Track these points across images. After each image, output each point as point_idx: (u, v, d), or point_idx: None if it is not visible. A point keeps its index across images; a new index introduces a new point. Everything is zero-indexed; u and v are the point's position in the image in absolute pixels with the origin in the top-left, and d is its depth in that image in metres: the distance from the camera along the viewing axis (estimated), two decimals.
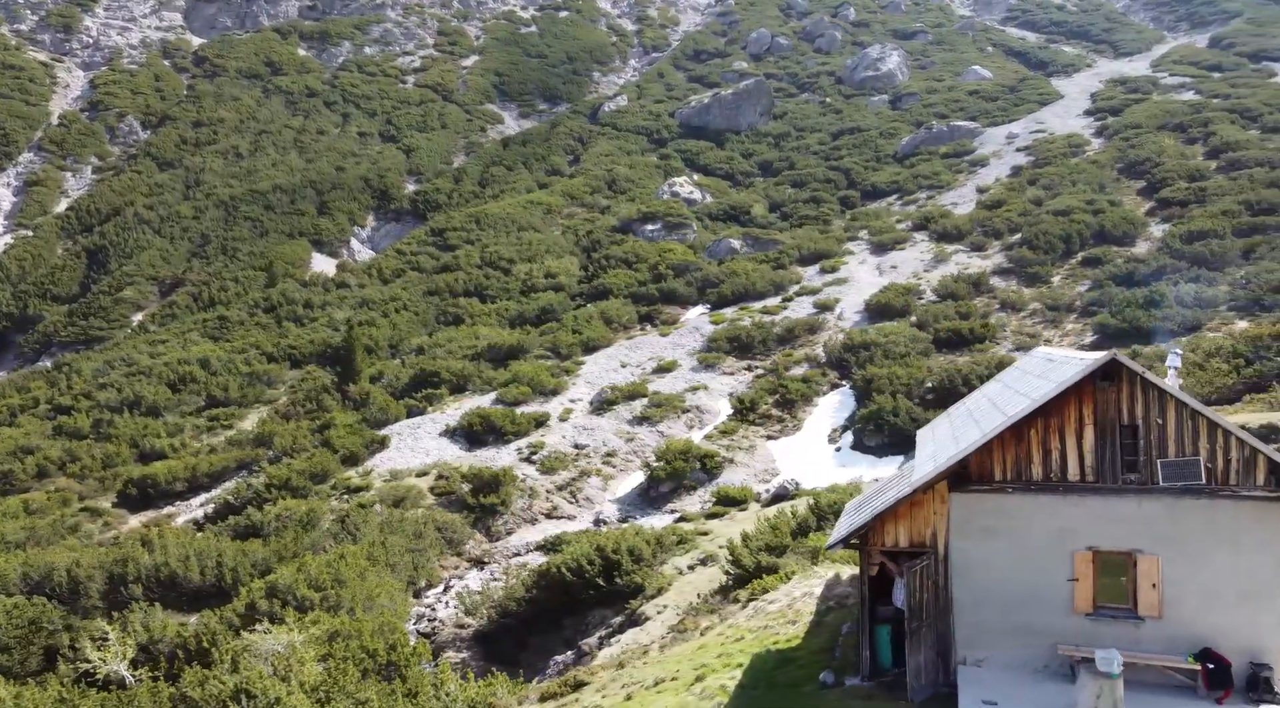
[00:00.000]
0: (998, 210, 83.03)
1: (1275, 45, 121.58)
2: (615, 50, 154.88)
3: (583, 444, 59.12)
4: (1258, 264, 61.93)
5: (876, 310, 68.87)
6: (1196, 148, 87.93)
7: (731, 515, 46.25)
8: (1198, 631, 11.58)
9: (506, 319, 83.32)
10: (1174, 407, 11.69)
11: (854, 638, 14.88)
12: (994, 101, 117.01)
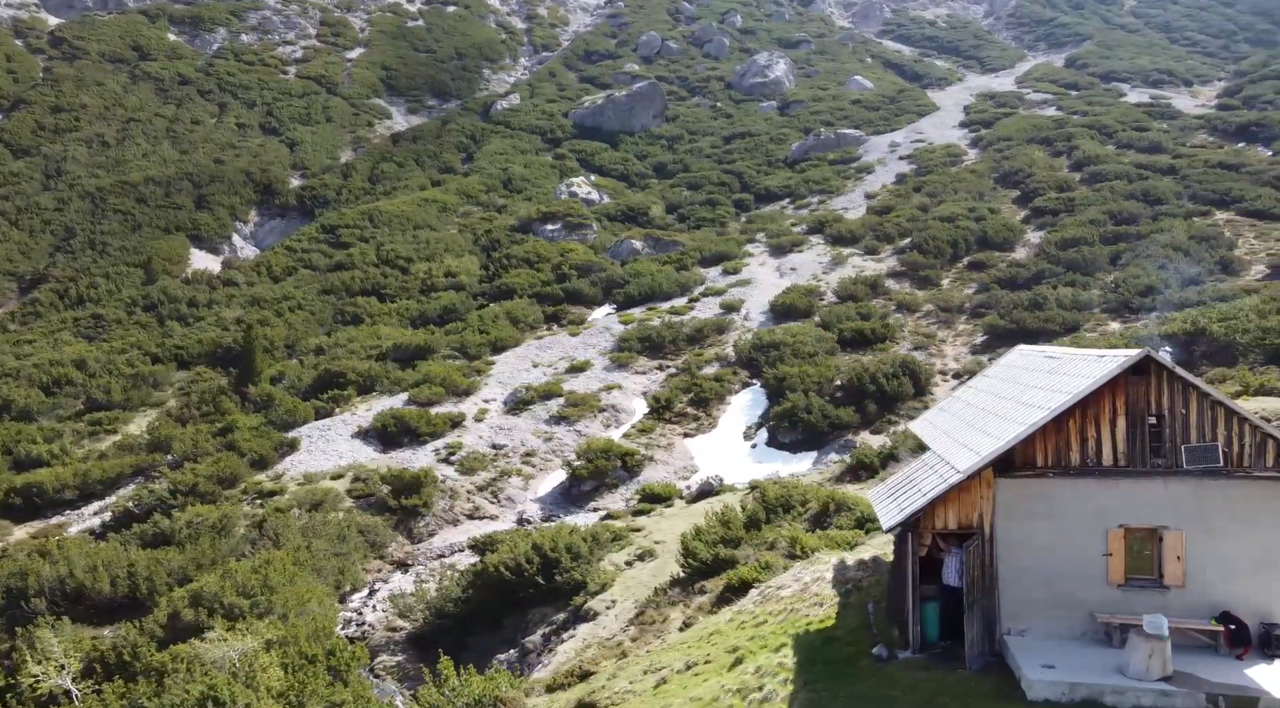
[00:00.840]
0: (888, 216, 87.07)
1: (1122, 67, 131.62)
2: (505, 48, 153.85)
3: (501, 444, 58.99)
4: (1124, 270, 67.20)
5: (781, 311, 71.22)
6: (1062, 160, 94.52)
7: (660, 512, 47.17)
8: (1216, 597, 13.21)
9: (408, 319, 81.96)
10: (1196, 397, 13.30)
11: (884, 616, 15.99)
12: (876, 111, 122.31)
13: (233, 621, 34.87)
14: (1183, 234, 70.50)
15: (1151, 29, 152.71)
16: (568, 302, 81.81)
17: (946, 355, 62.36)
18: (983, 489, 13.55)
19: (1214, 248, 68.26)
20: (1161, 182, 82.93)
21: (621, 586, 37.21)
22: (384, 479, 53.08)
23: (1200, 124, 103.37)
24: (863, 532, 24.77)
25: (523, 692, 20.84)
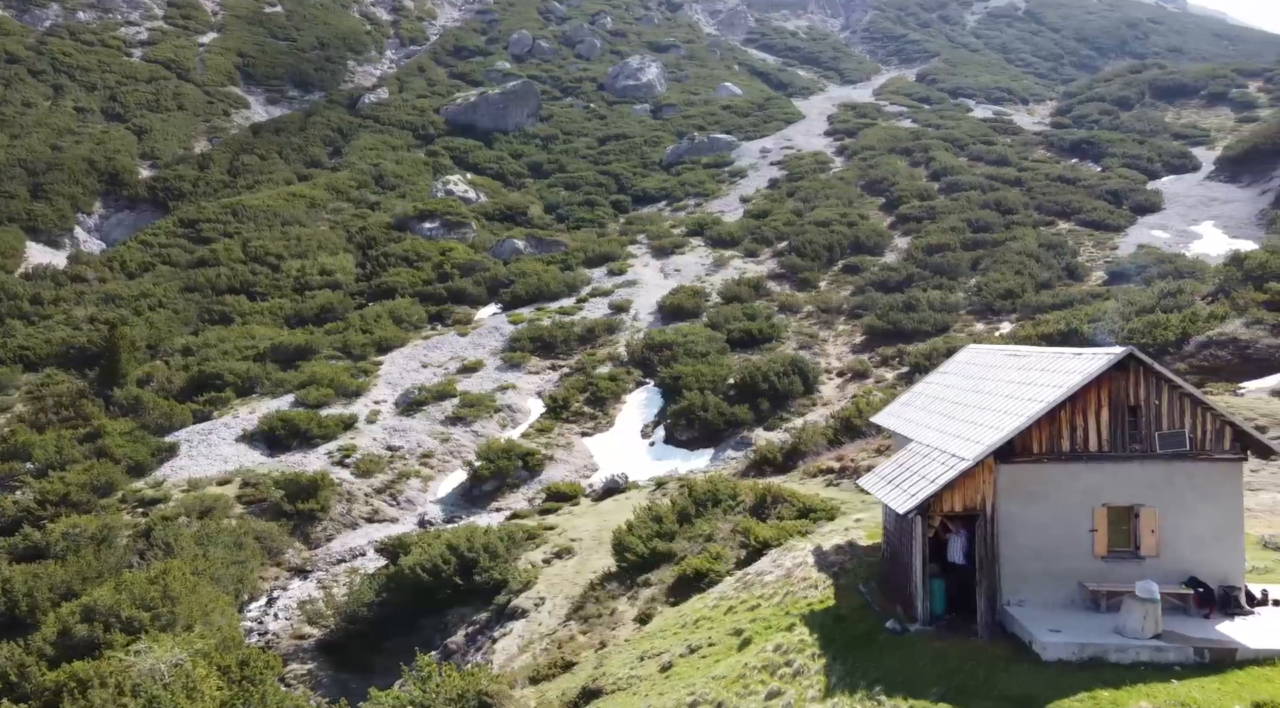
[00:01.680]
0: (765, 220, 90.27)
1: (968, 84, 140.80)
2: (370, 39, 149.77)
3: (396, 446, 58.00)
4: (985, 274, 72.26)
5: (670, 312, 72.83)
6: (921, 170, 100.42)
7: (569, 511, 47.63)
8: (1185, 565, 15.12)
9: (282, 318, 79.03)
10: (1167, 389, 15.18)
11: (880, 595, 17.28)
12: (746, 117, 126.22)
13: (133, 634, 33.35)
14: (1033, 242, 76.44)
15: (991, 49, 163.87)
16: (452, 301, 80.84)
17: (830, 355, 65.43)
18: (985, 475, 15.03)
19: (1061, 255, 74.31)
20: (1011, 193, 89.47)
21: (546, 583, 37.54)
22: (277, 484, 51.37)
23: (1039, 140, 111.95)
24: (810, 521, 26.21)
25: (506, 684, 21.06)
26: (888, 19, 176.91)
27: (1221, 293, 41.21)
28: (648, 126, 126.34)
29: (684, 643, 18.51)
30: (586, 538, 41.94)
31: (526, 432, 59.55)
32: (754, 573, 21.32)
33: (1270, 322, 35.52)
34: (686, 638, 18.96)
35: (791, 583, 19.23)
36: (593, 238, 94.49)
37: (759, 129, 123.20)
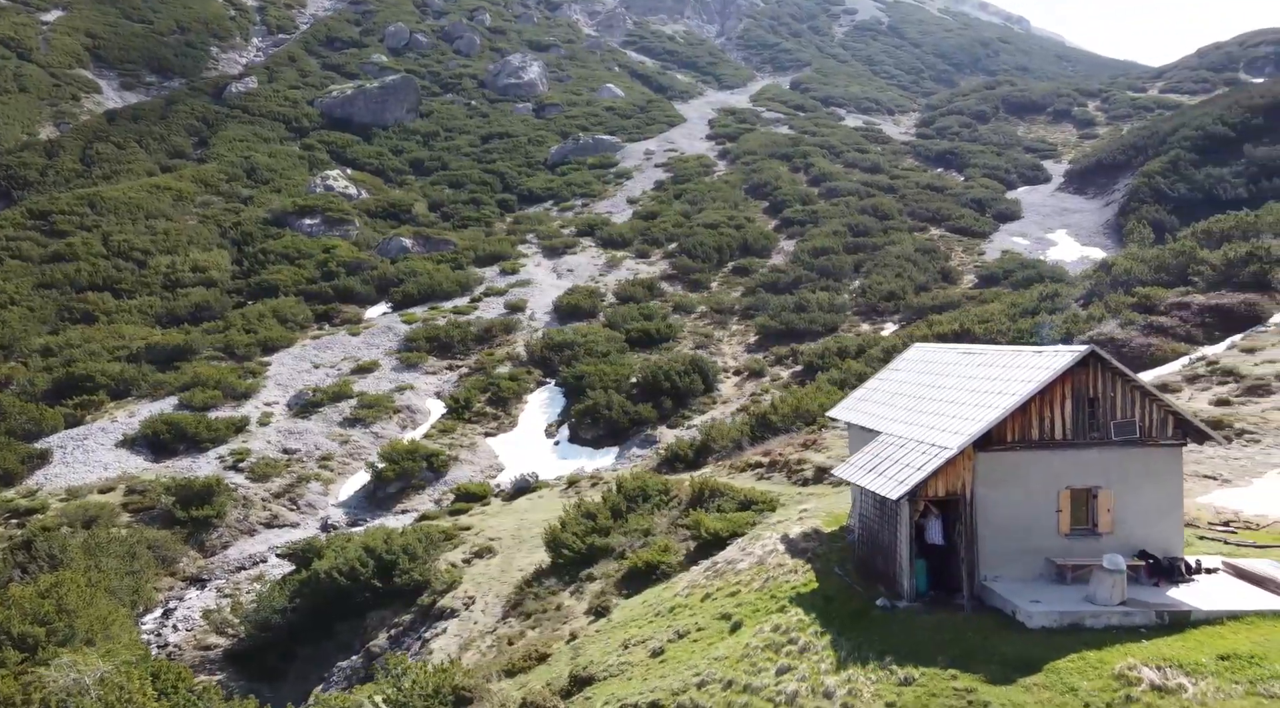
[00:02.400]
0: (654, 221, 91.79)
1: (838, 93, 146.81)
2: (235, 26, 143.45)
3: (293, 449, 56.30)
4: (868, 276, 75.90)
5: (567, 312, 73.24)
6: (801, 175, 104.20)
7: (482, 511, 47.48)
8: (1136, 540, 16.90)
9: (153, 317, 75.24)
10: (1121, 382, 16.92)
11: (858, 577, 18.47)
12: (629, 118, 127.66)
13: (27, 651, 31.68)
14: (910, 246, 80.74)
15: (858, 61, 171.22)
16: (339, 300, 78.74)
17: (726, 354, 67.33)
18: (965, 462, 16.41)
19: (935, 259, 78.80)
20: (886, 199, 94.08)
21: (471, 582, 37.49)
22: (167, 490, 49.12)
23: (907, 149, 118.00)
24: (754, 512, 27.38)
25: (481, 678, 21.19)
26: (761, 28, 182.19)
27: (1095, 296, 45.19)
28: (531, 126, 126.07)
29: (668, 629, 19.20)
30: (506, 537, 42.03)
31: (429, 433, 58.85)
32: (723, 561, 22.23)
33: (1141, 323, 39.32)
34: (669, 625, 19.67)
35: (767, 569, 20.24)
36: (481, 237, 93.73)
37: (642, 131, 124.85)
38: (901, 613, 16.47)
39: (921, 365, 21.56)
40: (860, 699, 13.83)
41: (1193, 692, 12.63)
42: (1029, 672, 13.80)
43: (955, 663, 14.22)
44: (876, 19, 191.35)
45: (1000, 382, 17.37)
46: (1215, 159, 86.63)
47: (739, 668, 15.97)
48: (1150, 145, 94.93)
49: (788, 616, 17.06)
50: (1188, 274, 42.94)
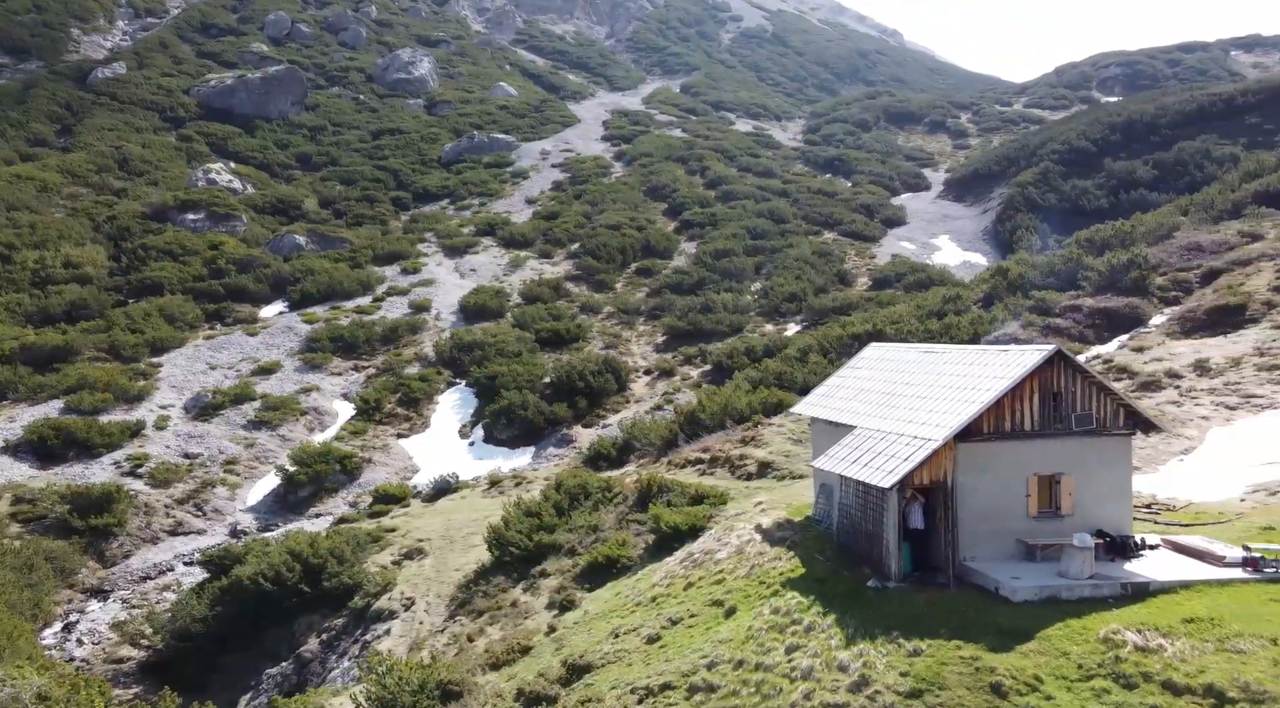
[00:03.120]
0: (555, 221, 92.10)
1: (728, 98, 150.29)
2: (99, 6, 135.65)
3: (195, 453, 54.28)
4: (770, 279, 78.39)
5: (473, 312, 72.86)
6: (698, 178, 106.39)
7: (404, 512, 47.01)
8: (1092, 520, 18.65)
9: (23, 315, 70.81)
10: (1081, 378, 18.66)
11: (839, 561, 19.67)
12: (523, 118, 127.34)
13: None
14: (808, 250, 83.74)
15: (745, 67, 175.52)
16: (231, 299, 75.93)
17: (635, 354, 68.41)
18: (947, 452, 17.80)
19: (832, 262, 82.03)
20: (781, 203, 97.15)
21: (406, 584, 37.29)
22: (62, 498, 46.67)
23: (797, 155, 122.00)
24: (709, 506, 28.36)
25: (465, 672, 21.35)
26: (650, 31, 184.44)
27: (994, 299, 48.45)
28: (423, 122, 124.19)
29: (658, 618, 19.93)
30: (436, 538, 41.87)
31: (339, 435, 57.68)
32: (700, 552, 23.10)
33: (1040, 324, 42.48)
34: (657, 613, 20.40)
35: (749, 558, 21.22)
36: (378, 235, 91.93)
37: (537, 131, 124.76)
38: (893, 593, 17.76)
39: (883, 364, 23.04)
40: (875, 670, 14.98)
41: (1171, 651, 14.30)
42: (1023, 640, 15.26)
43: (956, 635, 15.55)
44: (762, 27, 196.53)
45: (973, 378, 18.91)
46: (1079, 172, 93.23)
47: (746, 648, 16.90)
48: (1021, 157, 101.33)
49: (785, 599, 18.09)
50: (1077, 279, 46.63)
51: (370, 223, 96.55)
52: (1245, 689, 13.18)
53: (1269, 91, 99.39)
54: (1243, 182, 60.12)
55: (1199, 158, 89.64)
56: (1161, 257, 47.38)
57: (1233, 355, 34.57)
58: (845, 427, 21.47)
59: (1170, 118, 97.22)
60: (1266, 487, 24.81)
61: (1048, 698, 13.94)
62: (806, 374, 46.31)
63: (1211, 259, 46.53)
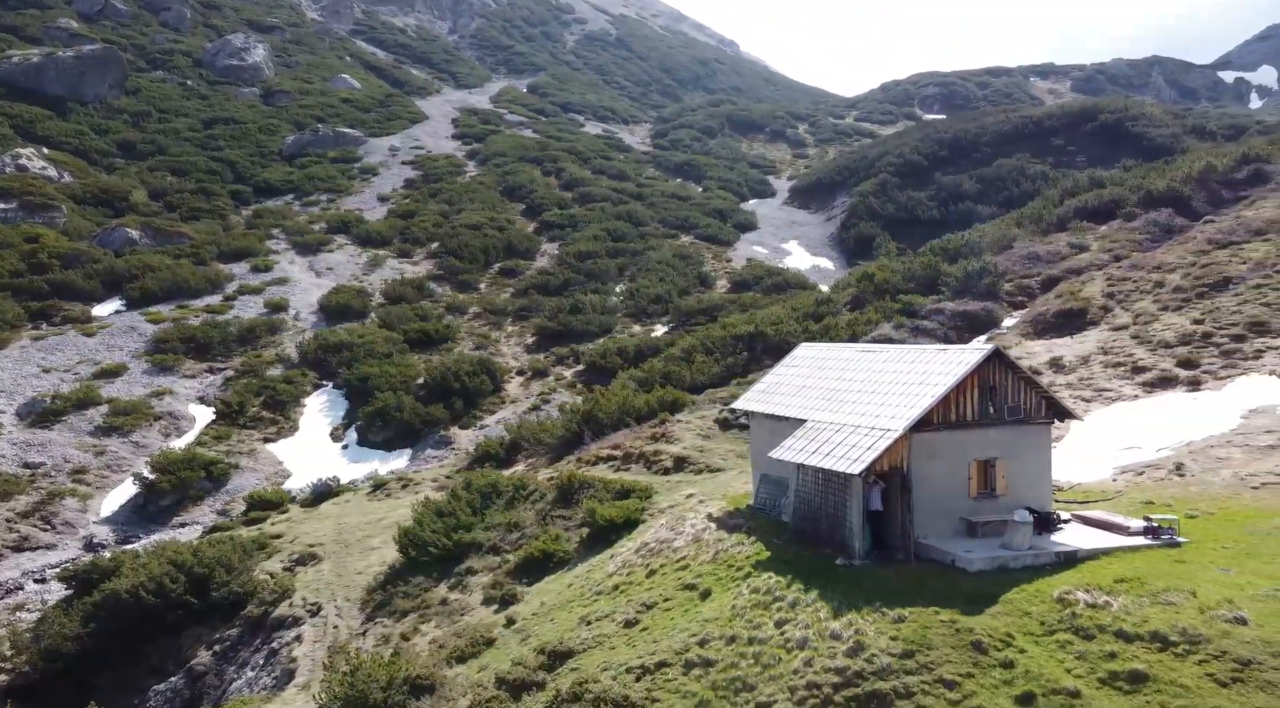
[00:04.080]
0: (412, 220, 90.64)
1: (576, 100, 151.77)
2: None
3: (36, 462, 50.55)
4: (634, 280, 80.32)
5: (335, 312, 70.94)
6: (554, 180, 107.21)
7: (285, 518, 45.67)
8: (1021, 499, 21.02)
9: None
10: (1012, 373, 21.01)
11: (796, 543, 21.25)
12: (369, 112, 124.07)
13: None
14: (669, 253, 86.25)
15: (591, 69, 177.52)
16: (58, 296, 70.49)
17: (506, 354, 68.61)
18: (903, 441, 19.70)
19: (692, 265, 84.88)
20: (638, 206, 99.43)
21: (308, 589, 36.52)
22: None
23: (648, 159, 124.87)
24: (638, 500, 29.40)
25: (433, 666, 21.45)
26: (494, 28, 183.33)
27: (863, 301, 52.06)
28: (260, 113, 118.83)
29: (628, 603, 20.83)
30: (328, 542, 41.07)
31: (201, 440, 55.03)
32: (656, 541, 24.11)
33: (910, 325, 46.17)
34: (626, 599, 21.31)
35: (708, 545, 22.46)
36: (218, 231, 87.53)
37: (384, 127, 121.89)
38: (860, 569, 19.53)
39: (821, 362, 24.95)
40: (867, 637, 16.61)
41: (1117, 606, 16.67)
42: (989, 604, 17.29)
43: (932, 602, 17.40)
44: (606, 30, 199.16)
45: (919, 375, 21.02)
46: (913, 184, 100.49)
47: (735, 625, 18.21)
48: (860, 168, 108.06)
49: (761, 579, 19.50)
50: (937, 284, 50.85)
51: (208, 217, 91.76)
52: (1184, 634, 15.66)
53: (1070, 117, 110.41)
54: (1063, 198, 66.94)
55: (1015, 174, 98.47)
56: (1007, 265, 52.39)
57: (1082, 354, 38.99)
58: (792, 421, 23.22)
59: (990, 137, 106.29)
60: (1131, 468, 28.48)
61: (1021, 651, 16.01)
62: (694, 374, 48.21)
63: (1048, 267, 51.91)
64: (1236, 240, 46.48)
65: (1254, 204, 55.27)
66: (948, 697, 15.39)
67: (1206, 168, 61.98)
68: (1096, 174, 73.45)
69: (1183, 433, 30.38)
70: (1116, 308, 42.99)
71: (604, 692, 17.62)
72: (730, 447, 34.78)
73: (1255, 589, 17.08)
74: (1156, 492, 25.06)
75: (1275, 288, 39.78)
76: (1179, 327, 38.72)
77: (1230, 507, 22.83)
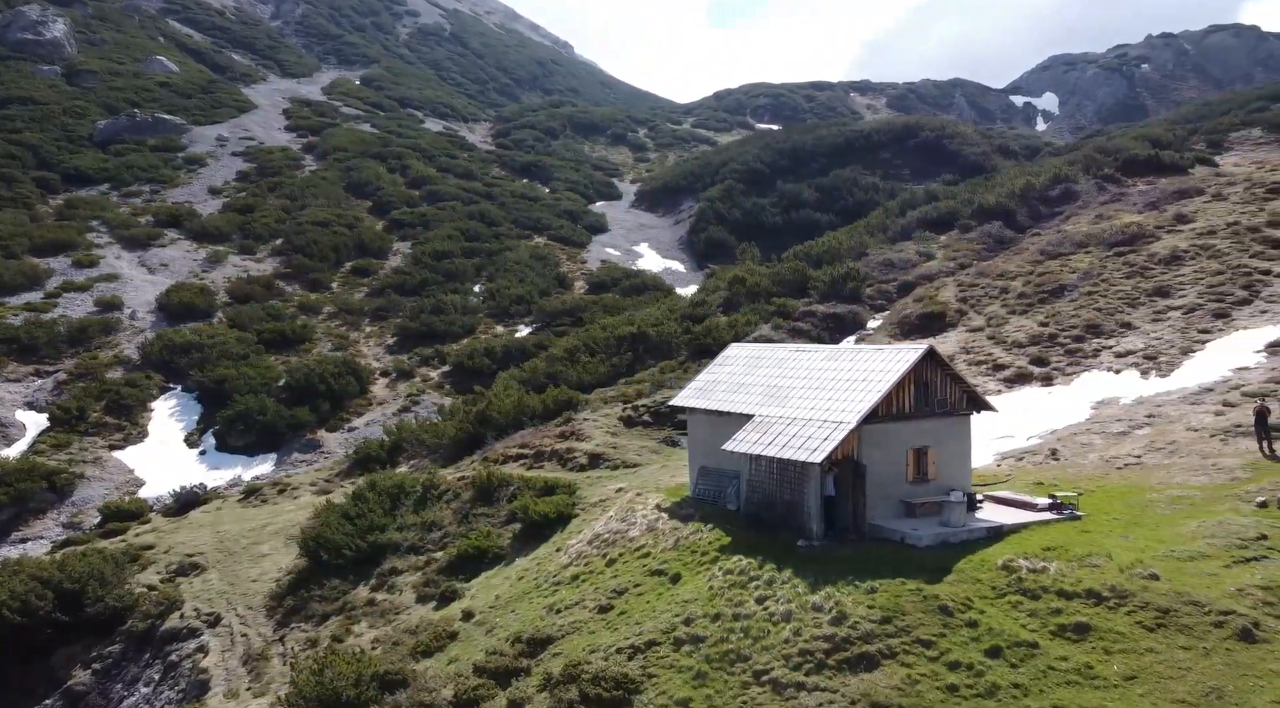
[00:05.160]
0: (253, 215, 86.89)
1: (414, 95, 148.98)
2: None
3: None
4: (493, 281, 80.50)
5: (178, 311, 67.39)
6: (399, 177, 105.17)
7: (150, 529, 43.59)
8: (947, 482, 23.54)
9: None
10: (941, 371, 23.51)
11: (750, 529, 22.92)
12: (190, 98, 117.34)
13: None
14: (526, 253, 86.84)
15: (425, 64, 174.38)
16: None
17: (367, 355, 67.34)
18: (855, 433, 21.80)
19: (549, 266, 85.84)
20: (489, 206, 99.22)
21: (198, 600, 35.39)
22: None
23: (493, 158, 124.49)
24: (567, 496, 30.23)
25: (399, 661, 21.52)
26: (321, 15, 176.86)
27: (735, 303, 54.79)
28: (64, 93, 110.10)
29: (595, 591, 21.78)
30: (209, 551, 39.73)
31: (37, 448, 51.26)
32: (608, 532, 25.06)
33: (786, 326, 49.20)
34: (592, 587, 22.24)
35: (665, 533, 23.67)
36: (25, 222, 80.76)
37: (209, 115, 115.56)
38: (819, 549, 21.47)
39: (757, 361, 26.88)
40: (846, 607, 18.49)
41: (1053, 570, 19.34)
42: (944, 574, 19.59)
43: (896, 574, 19.56)
44: (440, 25, 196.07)
45: (861, 372, 23.28)
46: (757, 191, 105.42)
47: (718, 604, 19.71)
48: (706, 174, 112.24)
49: (732, 561, 21.07)
50: (806, 288, 54.31)
51: (10, 206, 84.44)
52: (1113, 590, 18.46)
53: (895, 133, 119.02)
54: (904, 210, 72.68)
55: (849, 185, 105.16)
56: (866, 270, 56.63)
57: (946, 354, 42.95)
58: (736, 416, 25.02)
59: (825, 149, 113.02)
60: (1011, 454, 32.14)
61: (981, 613, 18.35)
62: (581, 374, 49.39)
63: (902, 273, 56.52)
64: (1064, 252, 52.39)
65: (1069, 219, 62.15)
66: (927, 654, 17.54)
67: (1027, 186, 68.91)
68: (931, 188, 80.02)
69: (1046, 423, 34.47)
70: (970, 311, 47.64)
71: (601, 671, 18.75)
72: (642, 443, 36.32)
73: (1155, 551, 20.26)
74: (1040, 474, 28.56)
75: (1103, 294, 45.35)
76: (1028, 328, 43.51)
77: (1106, 485, 26.44)
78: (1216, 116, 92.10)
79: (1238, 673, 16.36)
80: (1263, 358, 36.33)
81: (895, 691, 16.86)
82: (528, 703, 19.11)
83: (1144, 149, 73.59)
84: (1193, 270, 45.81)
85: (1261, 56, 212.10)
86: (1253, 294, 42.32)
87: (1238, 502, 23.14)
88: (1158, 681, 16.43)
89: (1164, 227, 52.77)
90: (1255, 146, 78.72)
